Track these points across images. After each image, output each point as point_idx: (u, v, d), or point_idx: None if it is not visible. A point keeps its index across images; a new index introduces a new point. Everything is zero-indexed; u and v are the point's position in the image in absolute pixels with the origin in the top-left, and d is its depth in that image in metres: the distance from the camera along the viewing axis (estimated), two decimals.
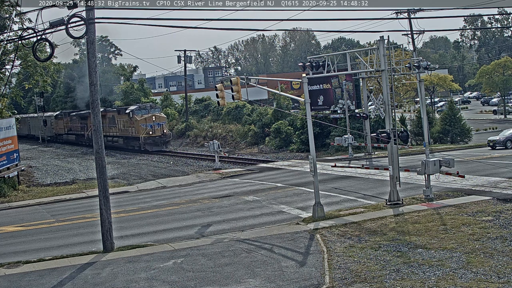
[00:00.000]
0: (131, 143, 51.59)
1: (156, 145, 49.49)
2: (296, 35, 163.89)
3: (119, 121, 53.23)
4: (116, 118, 53.93)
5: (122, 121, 52.61)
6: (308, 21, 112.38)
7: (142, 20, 22.62)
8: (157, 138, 49.65)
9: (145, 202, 25.45)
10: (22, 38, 18.40)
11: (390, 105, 20.84)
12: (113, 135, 55.00)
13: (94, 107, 16.82)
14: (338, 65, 27.56)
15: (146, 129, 49.14)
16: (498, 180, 23.28)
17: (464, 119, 48.31)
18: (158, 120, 49.96)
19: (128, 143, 52.38)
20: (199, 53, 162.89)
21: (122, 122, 52.53)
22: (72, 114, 67.08)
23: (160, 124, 50.00)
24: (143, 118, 49.30)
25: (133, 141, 51.15)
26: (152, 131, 49.36)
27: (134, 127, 50.16)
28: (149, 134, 49.09)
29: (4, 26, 30.24)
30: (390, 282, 11.96)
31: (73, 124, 66.38)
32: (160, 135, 49.83)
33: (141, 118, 49.27)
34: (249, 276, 13.24)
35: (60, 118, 70.47)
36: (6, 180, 30.95)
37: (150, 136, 49.20)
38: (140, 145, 49.68)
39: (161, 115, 51.60)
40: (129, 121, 50.59)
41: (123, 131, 52.66)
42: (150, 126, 49.33)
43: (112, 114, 55.47)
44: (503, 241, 14.26)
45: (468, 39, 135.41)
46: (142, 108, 50.30)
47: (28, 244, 18.54)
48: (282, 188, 25.99)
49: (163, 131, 49.98)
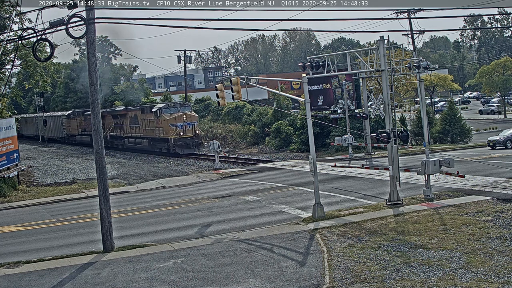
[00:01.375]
0: (158, 145, 46.76)
1: (188, 147, 44.09)
2: (296, 35, 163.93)
3: (143, 120, 48.50)
4: (139, 117, 49.37)
5: (146, 120, 47.90)
6: (308, 21, 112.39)
7: (142, 20, 22.61)
8: (188, 140, 44.34)
9: (145, 202, 25.45)
10: (22, 38, 18.42)
11: (390, 105, 20.84)
12: (135, 136, 50.49)
13: (94, 107, 16.83)
14: (338, 65, 27.57)
15: (176, 130, 43.96)
16: (498, 180, 23.28)
17: (464, 119, 48.33)
18: (189, 120, 44.73)
19: (154, 145, 47.56)
20: (199, 53, 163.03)
21: (147, 121, 47.78)
22: (87, 113, 61.25)
23: (192, 123, 44.71)
24: (173, 117, 44.17)
25: (160, 143, 46.30)
26: (183, 131, 44.18)
27: (161, 127, 45.20)
28: (180, 135, 43.96)
29: (4, 26, 30.24)
30: (390, 282, 11.96)
31: (88, 124, 59.67)
32: (192, 136, 44.57)
33: (170, 118, 44.18)
34: (249, 276, 13.24)
35: (73, 118, 65.99)
36: (6, 180, 30.95)
37: (181, 137, 43.98)
38: (169, 147, 44.50)
39: (192, 113, 46.25)
40: (156, 120, 45.76)
41: (148, 132, 47.75)
42: (180, 126, 44.11)
43: (134, 113, 50.77)
44: (503, 241, 14.27)
45: (468, 39, 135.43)
46: (171, 106, 45.42)
47: (28, 244, 18.54)
48: (282, 188, 25.99)
49: (195, 132, 44.78)
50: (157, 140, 46.52)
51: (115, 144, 55.21)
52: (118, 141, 54.65)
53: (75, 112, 66.62)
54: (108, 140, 54.29)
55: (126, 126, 52.00)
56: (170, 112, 44.75)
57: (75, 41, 77.03)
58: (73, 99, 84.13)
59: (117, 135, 54.77)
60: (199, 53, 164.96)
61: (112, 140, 55.72)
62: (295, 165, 34.44)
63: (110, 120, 55.54)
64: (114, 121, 54.89)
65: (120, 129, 53.96)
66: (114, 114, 55.18)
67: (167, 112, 44.76)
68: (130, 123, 51.16)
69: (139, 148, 50.29)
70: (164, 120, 44.46)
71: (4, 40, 26.77)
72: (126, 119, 51.85)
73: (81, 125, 63.85)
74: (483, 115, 77.94)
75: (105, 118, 55.27)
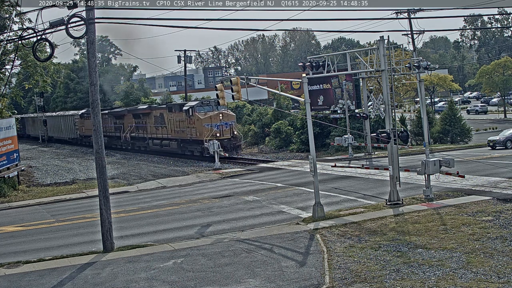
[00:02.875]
0: (190, 148, 42.10)
1: (225, 150, 38.83)
2: (296, 35, 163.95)
3: (171, 120, 43.96)
4: (166, 116, 44.84)
5: (175, 120, 43.26)
6: (308, 21, 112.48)
7: (142, 20, 22.64)
8: (225, 142, 39.31)
9: (145, 202, 25.45)
10: (22, 38, 18.44)
11: (390, 105, 20.84)
12: (162, 137, 45.81)
13: (94, 107, 16.82)
14: (338, 65, 27.55)
15: (211, 131, 39.17)
16: (498, 180, 23.28)
17: (464, 119, 48.34)
18: (226, 119, 40.09)
19: (184, 148, 43.09)
20: (199, 53, 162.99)
21: (176, 121, 43.15)
22: (103, 112, 55.65)
23: (229, 124, 40.20)
24: (208, 117, 39.63)
25: (192, 145, 41.59)
26: (220, 133, 39.36)
27: (194, 128, 40.59)
28: (216, 137, 38.86)
29: (4, 26, 30.25)
30: (390, 282, 11.96)
31: (104, 124, 54.80)
32: (230, 138, 39.90)
33: (205, 117, 39.63)
34: (249, 276, 13.24)
35: (87, 118, 59.81)
36: (6, 180, 30.95)
37: (217, 138, 38.76)
38: (202, 150, 39.56)
39: (229, 112, 41.63)
40: (188, 120, 41.20)
41: (178, 133, 43.10)
42: (216, 126, 39.39)
43: (160, 112, 46.23)
44: (503, 241, 14.27)
45: (468, 39, 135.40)
46: (205, 104, 40.66)
47: (28, 244, 18.54)
48: (282, 188, 25.99)
49: (232, 133, 40.15)
50: (188, 142, 42.01)
51: (137, 146, 51.05)
52: (140, 143, 50.34)
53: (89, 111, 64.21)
54: (128, 141, 51.78)
55: (149, 126, 47.68)
56: (204, 110, 40.35)
57: (75, 41, 77.16)
58: (73, 99, 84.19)
59: (139, 136, 50.34)
60: (199, 53, 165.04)
61: (133, 141, 51.50)
62: (295, 165, 34.44)
63: (131, 119, 51.39)
64: (136, 120, 50.53)
65: (142, 130, 49.58)
66: (136, 113, 50.49)
67: (201, 110, 40.32)
68: (155, 123, 46.81)
69: (166, 151, 45.77)
70: (197, 119, 39.99)
71: (4, 40, 26.77)
72: (149, 119, 47.66)
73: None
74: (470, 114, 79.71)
75: (124, 118, 52.35)
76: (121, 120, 53.23)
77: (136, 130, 50.70)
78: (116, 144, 55.02)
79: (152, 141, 47.66)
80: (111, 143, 55.27)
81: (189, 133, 41.43)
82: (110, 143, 54.94)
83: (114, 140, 55.28)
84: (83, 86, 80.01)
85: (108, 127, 55.91)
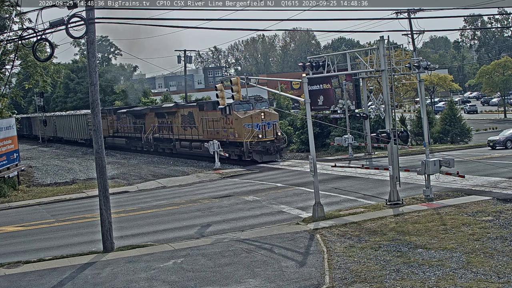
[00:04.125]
0: (225, 151, 36.93)
1: (268, 153, 35.62)
2: (296, 35, 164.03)
3: (202, 119, 39.91)
4: (196, 116, 40.85)
5: (208, 119, 39.35)
6: (308, 21, 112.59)
7: (142, 20, 22.63)
8: (268, 144, 35.66)
9: (145, 202, 25.45)
10: (22, 38, 18.43)
11: (390, 105, 20.85)
12: (191, 139, 41.27)
13: (94, 107, 16.83)
14: (338, 65, 27.56)
15: (252, 132, 35.46)
16: (498, 180, 23.28)
17: (464, 119, 48.35)
18: (269, 118, 36.15)
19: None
20: (199, 53, 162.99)
21: (209, 121, 39.23)
22: (121, 111, 53.78)
23: (271, 123, 36.11)
24: (248, 116, 35.72)
25: (228, 147, 37.26)
26: (262, 134, 35.66)
27: (232, 129, 36.66)
28: (259, 138, 35.49)
29: (4, 26, 30.25)
30: (390, 282, 11.96)
31: (123, 124, 53.29)
32: (273, 139, 35.98)
33: (245, 116, 35.75)
34: (249, 276, 13.24)
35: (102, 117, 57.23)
36: (6, 180, 30.96)
37: (260, 140, 35.40)
38: (242, 153, 36.20)
39: (271, 111, 37.62)
40: (224, 120, 37.37)
41: (212, 134, 38.74)
42: (258, 127, 35.63)
43: (188, 110, 42.24)
44: (503, 241, 14.27)
45: (468, 39, 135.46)
46: (243, 102, 36.20)
47: (28, 244, 18.55)
48: (282, 188, 25.99)
49: (276, 134, 36.17)
50: (224, 144, 37.21)
51: (161, 148, 46.71)
52: (165, 145, 46.05)
53: (104, 110, 56.93)
54: (150, 143, 47.59)
55: (176, 126, 43.50)
56: (243, 109, 36.35)
57: (75, 41, 77.20)
58: (73, 99, 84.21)
59: (163, 138, 45.97)
60: (199, 53, 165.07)
61: (157, 143, 47.11)
62: (295, 165, 34.44)
63: (153, 119, 47.26)
64: (159, 120, 46.31)
65: (168, 130, 45.26)
66: (160, 112, 46.39)
67: (239, 109, 36.28)
68: (183, 123, 42.70)
69: (197, 154, 41.04)
70: (236, 119, 36.07)
71: (4, 40, 26.78)
72: (176, 118, 43.46)
73: (112, 125, 55.16)
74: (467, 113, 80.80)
75: (145, 117, 48.26)
76: (142, 119, 49.18)
77: (160, 131, 46.51)
78: (136, 146, 50.68)
79: (179, 143, 43.51)
80: (130, 145, 51.52)
81: (226, 134, 37.46)
82: (129, 144, 51.62)
83: (134, 141, 50.91)
84: (83, 86, 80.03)
85: (127, 127, 52.32)
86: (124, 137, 52.80)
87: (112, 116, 54.98)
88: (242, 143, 35.80)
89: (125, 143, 52.15)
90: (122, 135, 53.36)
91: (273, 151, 35.74)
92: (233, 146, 37.18)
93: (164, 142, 46.07)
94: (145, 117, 48.29)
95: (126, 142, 51.87)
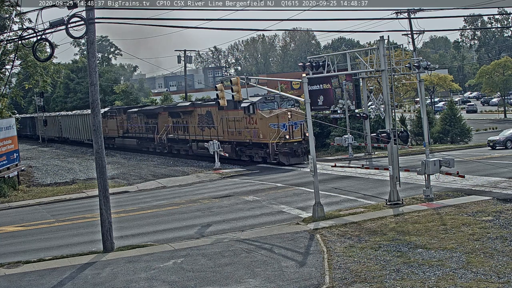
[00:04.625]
0: (248, 152, 35.89)
1: (295, 155, 33.03)
2: (296, 35, 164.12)
3: (222, 119, 37.59)
4: (215, 115, 38.46)
5: (228, 119, 36.94)
6: (308, 21, 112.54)
7: (142, 20, 22.61)
8: (296, 145, 33.21)
9: (145, 202, 25.45)
10: (22, 38, 18.45)
11: (390, 105, 20.86)
12: (209, 139, 37.10)
13: (94, 107, 16.83)
14: (338, 65, 27.56)
15: (278, 132, 33.01)
16: (498, 180, 23.28)
17: (464, 119, 48.36)
18: (296, 118, 33.66)
19: (242, 152, 36.72)
20: (199, 53, 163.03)
21: (230, 121, 36.82)
22: (132, 110, 51.78)
23: (298, 123, 33.56)
24: (273, 116, 33.29)
25: (252, 149, 35.53)
26: (289, 134, 33.17)
27: (256, 129, 34.18)
28: (286, 139, 33.00)
29: (4, 26, 30.26)
30: (390, 282, 11.96)
31: (133, 124, 51.05)
32: (301, 140, 33.41)
33: (271, 116, 33.31)
34: (249, 276, 13.24)
35: (111, 117, 54.26)
36: (6, 180, 30.96)
37: (287, 141, 32.95)
38: (267, 155, 33.70)
39: (298, 110, 34.92)
40: (247, 119, 34.82)
41: (233, 135, 36.68)
42: (284, 127, 33.15)
43: (206, 109, 39.78)
44: (503, 241, 14.27)
45: (468, 39, 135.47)
46: (269, 101, 34.36)
47: (28, 244, 18.55)
48: (282, 188, 26.00)
49: (304, 135, 33.10)
50: (247, 146, 35.66)
51: (175, 149, 44.25)
52: (180, 146, 43.72)
53: (113, 109, 55.48)
54: (164, 144, 45.22)
55: (193, 126, 41.24)
56: (268, 107, 34.10)
57: (75, 41, 77.24)
58: (73, 99, 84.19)
59: (178, 138, 43.69)
60: (199, 53, 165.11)
61: (171, 144, 44.66)
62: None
63: (166, 118, 45.00)
64: (174, 120, 43.99)
65: (183, 131, 42.92)
66: (174, 111, 44.11)
67: (264, 108, 34.03)
68: (200, 122, 40.38)
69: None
70: (260, 118, 33.59)
71: (4, 40, 26.80)
72: (192, 118, 41.23)
73: (122, 125, 52.90)
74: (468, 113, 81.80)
75: (158, 117, 46.12)
76: (155, 119, 46.88)
77: (175, 131, 44.13)
78: (148, 147, 48.31)
79: (196, 144, 40.87)
80: (142, 146, 49.10)
81: (249, 135, 35.08)
82: (141, 145, 49.22)
83: (146, 142, 48.50)
84: (83, 86, 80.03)
85: (138, 127, 50.05)
86: (135, 138, 50.52)
87: (122, 115, 52.91)
88: (267, 145, 33.51)
89: (136, 144, 49.95)
90: (133, 136, 51.09)
91: (300, 153, 33.24)
92: (257, 148, 35.10)
93: (179, 143, 43.89)
94: (158, 117, 46.20)
95: (137, 142, 49.71)
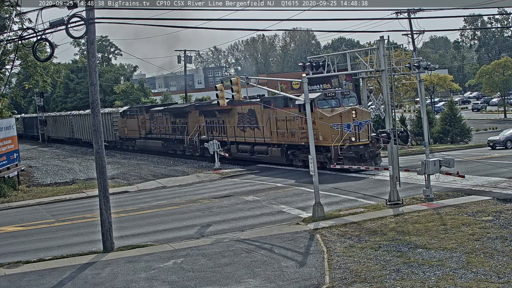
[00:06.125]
0: (302, 156, 31.12)
1: (362, 160, 28.15)
2: (296, 35, 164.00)
3: (270, 119, 33.15)
4: (260, 114, 34.19)
5: (277, 119, 32.47)
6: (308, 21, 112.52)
7: (142, 20, 22.60)
8: (362, 149, 28.48)
9: (145, 202, 25.45)
10: (22, 38, 18.47)
11: (390, 105, 20.86)
12: (253, 141, 34.73)
13: (94, 107, 16.83)
14: (338, 65, 27.52)
15: (342, 133, 28.57)
16: (498, 180, 23.28)
17: (464, 119, 48.36)
18: (361, 118, 29.33)
19: (294, 156, 32.12)
20: (199, 53, 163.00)
21: (280, 120, 32.33)
22: (156, 109, 47.60)
23: (364, 124, 29.42)
24: (336, 114, 28.90)
25: (306, 152, 29.11)
26: (355, 136, 28.88)
27: (315, 129, 26.96)
28: (351, 142, 28.56)
29: (4, 26, 30.26)
30: (390, 282, 11.96)
31: (158, 124, 46.63)
32: (367, 143, 28.84)
33: (333, 115, 28.94)
34: (249, 276, 13.24)
35: (130, 116, 50.09)
36: (6, 180, 30.96)
37: (352, 144, 28.47)
38: (328, 159, 28.94)
39: (363, 109, 30.02)
40: (302, 118, 29.54)
41: (284, 136, 32.13)
42: (348, 128, 28.81)
43: (248, 107, 35.22)
44: (503, 241, 14.27)
45: (468, 39, 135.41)
46: (328, 97, 29.97)
47: (28, 244, 18.55)
48: (282, 188, 25.99)
49: (370, 137, 29.00)
50: (300, 149, 31.31)
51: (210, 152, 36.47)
52: None
53: (133, 108, 51.15)
54: (196, 146, 40.75)
55: (231, 126, 37.12)
56: (329, 105, 29.68)
57: (75, 41, 77.10)
58: (73, 99, 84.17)
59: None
60: (199, 53, 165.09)
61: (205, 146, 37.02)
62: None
63: (197, 118, 40.91)
64: (207, 119, 39.76)
65: (219, 131, 38.65)
66: (208, 109, 39.56)
67: (324, 105, 29.61)
68: (240, 122, 36.28)
69: (259, 160, 34.89)
70: (320, 118, 28.78)
71: (4, 40, 26.80)
72: (231, 117, 37.08)
73: (144, 126, 48.62)
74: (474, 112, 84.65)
75: (188, 116, 41.95)
76: (184, 119, 42.59)
77: (209, 132, 39.75)
78: (175, 149, 44.16)
79: (236, 147, 36.74)
80: (168, 148, 45.04)
81: (304, 136, 29.96)
82: (167, 147, 45.13)
83: (173, 144, 44.37)
84: (83, 86, 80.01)
85: (163, 127, 45.67)
86: (160, 139, 45.94)
87: (144, 114, 48.47)
88: (328, 148, 28.81)
89: (162, 145, 45.55)
90: (157, 137, 46.60)
91: (367, 157, 28.47)
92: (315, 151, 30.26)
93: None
94: (188, 116, 41.99)
95: (163, 144, 45.39)
